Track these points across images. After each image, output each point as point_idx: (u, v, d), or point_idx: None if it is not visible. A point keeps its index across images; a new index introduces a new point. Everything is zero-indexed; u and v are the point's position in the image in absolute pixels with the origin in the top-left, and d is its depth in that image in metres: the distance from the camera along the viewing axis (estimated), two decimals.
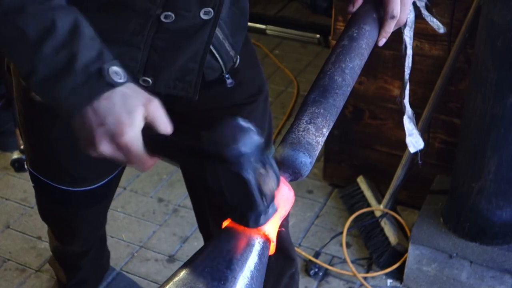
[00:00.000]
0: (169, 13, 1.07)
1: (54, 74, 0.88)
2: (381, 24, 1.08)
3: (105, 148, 0.88)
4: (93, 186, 1.44)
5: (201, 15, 1.10)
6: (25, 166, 1.47)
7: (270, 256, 1.56)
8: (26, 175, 2.55)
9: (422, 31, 2.04)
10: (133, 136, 0.87)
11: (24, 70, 0.90)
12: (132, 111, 0.87)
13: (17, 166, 2.57)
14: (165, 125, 0.90)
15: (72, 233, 1.68)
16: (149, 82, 1.16)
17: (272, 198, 0.78)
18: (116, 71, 0.89)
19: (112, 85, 0.88)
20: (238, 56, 1.28)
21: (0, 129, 2.84)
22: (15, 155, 2.57)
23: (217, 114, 1.35)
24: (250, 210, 0.77)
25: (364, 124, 2.31)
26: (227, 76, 1.26)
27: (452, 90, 2.09)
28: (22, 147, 2.57)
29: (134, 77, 1.14)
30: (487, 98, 1.77)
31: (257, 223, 0.78)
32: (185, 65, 1.16)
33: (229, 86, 1.27)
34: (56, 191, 1.43)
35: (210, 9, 1.10)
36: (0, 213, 2.37)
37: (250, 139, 0.76)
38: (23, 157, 2.57)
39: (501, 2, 1.66)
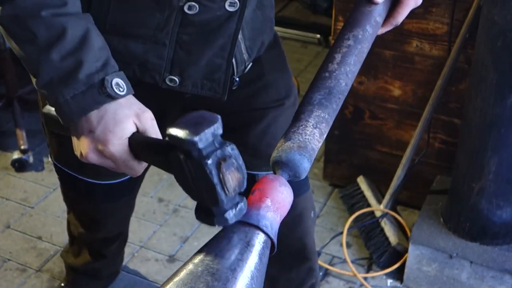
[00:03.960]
0: (193, 3, 1.07)
1: (58, 79, 0.89)
2: (381, 25, 1.09)
3: (92, 156, 0.91)
4: (116, 181, 1.44)
5: (226, 6, 1.09)
6: (49, 159, 1.50)
7: (291, 267, 1.54)
8: (27, 175, 2.56)
9: (422, 31, 2.05)
10: (118, 145, 0.89)
11: (30, 70, 0.93)
12: (121, 121, 0.89)
13: (17, 166, 2.57)
14: (154, 133, 0.92)
15: (97, 224, 1.68)
16: (176, 81, 1.15)
17: (236, 191, 0.77)
18: (118, 83, 0.91)
19: (112, 97, 0.90)
20: (251, 63, 1.26)
21: (0, 129, 2.84)
22: (15, 155, 2.57)
23: (241, 118, 1.34)
24: (214, 205, 0.77)
25: (364, 124, 2.31)
26: (237, 79, 1.24)
27: (452, 90, 2.09)
28: (22, 147, 2.57)
29: (160, 76, 1.14)
30: (487, 98, 1.77)
31: (222, 220, 0.77)
32: (212, 62, 1.14)
33: (233, 88, 1.25)
34: (80, 183, 1.44)
35: (235, 0, 1.09)
36: (0, 213, 2.37)
37: (214, 130, 0.76)
38: (23, 157, 2.57)
39: (501, 2, 1.66)
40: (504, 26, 1.67)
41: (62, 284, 1.98)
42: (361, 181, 2.37)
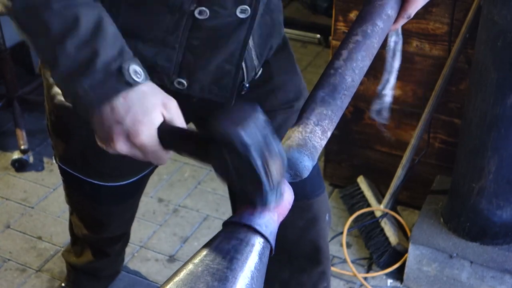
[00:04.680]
0: (204, 8, 1.06)
1: (75, 70, 0.88)
2: (394, 20, 1.08)
3: (122, 146, 0.89)
4: (121, 183, 1.44)
5: (238, 13, 1.08)
6: (53, 160, 1.50)
7: (303, 270, 1.53)
8: (27, 175, 2.55)
9: (422, 31, 2.04)
10: (149, 135, 0.88)
11: (46, 63, 0.92)
12: (149, 111, 0.88)
13: (17, 166, 2.57)
14: (180, 123, 0.91)
15: (101, 225, 1.68)
16: (184, 84, 1.15)
17: (279, 179, 0.78)
18: (135, 70, 0.90)
19: (131, 84, 0.88)
20: (261, 69, 1.26)
21: (0, 129, 2.84)
22: (15, 155, 2.57)
23: None
24: (257, 191, 0.77)
25: (364, 124, 2.31)
26: (247, 86, 1.24)
27: (452, 90, 2.09)
28: (22, 147, 2.57)
29: (168, 78, 1.14)
30: (487, 98, 1.77)
31: (265, 203, 0.78)
32: (221, 67, 1.14)
33: (242, 93, 1.24)
34: (84, 184, 1.44)
35: (246, 7, 1.08)
36: (0, 213, 2.37)
37: (256, 121, 0.76)
38: (23, 157, 2.57)
39: (501, 2, 1.66)
40: (504, 26, 1.67)
41: (63, 284, 1.99)
42: (361, 181, 2.37)
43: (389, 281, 2.10)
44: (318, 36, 3.54)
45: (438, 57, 2.07)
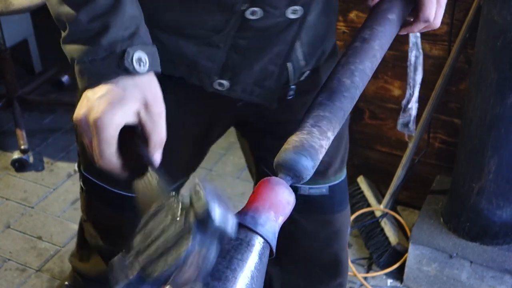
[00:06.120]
0: (256, 9, 1.02)
1: (81, 40, 0.86)
2: (408, 23, 1.07)
3: (81, 119, 0.85)
4: None
5: (288, 14, 1.05)
6: (76, 169, 1.45)
7: (321, 281, 1.52)
8: (27, 175, 2.55)
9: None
10: (109, 119, 0.82)
11: (59, 26, 0.89)
12: (124, 102, 0.83)
13: (18, 166, 2.57)
14: (157, 135, 0.86)
15: (119, 236, 1.63)
16: (224, 85, 1.10)
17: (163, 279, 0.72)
18: (140, 58, 0.85)
19: (129, 71, 0.84)
20: (308, 71, 1.20)
21: (0, 129, 2.84)
22: (15, 155, 2.57)
23: (292, 126, 1.31)
24: (144, 269, 0.76)
25: (364, 124, 2.31)
26: (292, 87, 1.18)
27: (452, 90, 2.09)
28: (22, 147, 2.57)
29: (209, 79, 1.10)
30: (487, 98, 1.77)
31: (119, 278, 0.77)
32: (265, 68, 1.10)
33: (288, 97, 1.20)
34: (110, 195, 1.38)
35: (298, 7, 1.05)
36: (1, 213, 2.37)
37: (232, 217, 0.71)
38: (24, 157, 2.57)
39: (501, 2, 1.66)
40: (504, 26, 1.67)
41: (66, 283, 1.97)
42: (361, 181, 2.37)
43: (389, 281, 2.10)
44: None
45: (438, 57, 2.07)
